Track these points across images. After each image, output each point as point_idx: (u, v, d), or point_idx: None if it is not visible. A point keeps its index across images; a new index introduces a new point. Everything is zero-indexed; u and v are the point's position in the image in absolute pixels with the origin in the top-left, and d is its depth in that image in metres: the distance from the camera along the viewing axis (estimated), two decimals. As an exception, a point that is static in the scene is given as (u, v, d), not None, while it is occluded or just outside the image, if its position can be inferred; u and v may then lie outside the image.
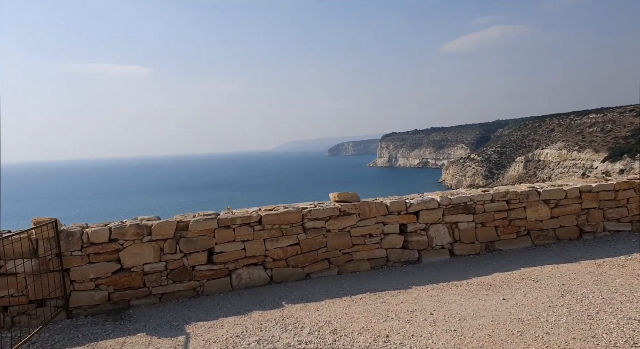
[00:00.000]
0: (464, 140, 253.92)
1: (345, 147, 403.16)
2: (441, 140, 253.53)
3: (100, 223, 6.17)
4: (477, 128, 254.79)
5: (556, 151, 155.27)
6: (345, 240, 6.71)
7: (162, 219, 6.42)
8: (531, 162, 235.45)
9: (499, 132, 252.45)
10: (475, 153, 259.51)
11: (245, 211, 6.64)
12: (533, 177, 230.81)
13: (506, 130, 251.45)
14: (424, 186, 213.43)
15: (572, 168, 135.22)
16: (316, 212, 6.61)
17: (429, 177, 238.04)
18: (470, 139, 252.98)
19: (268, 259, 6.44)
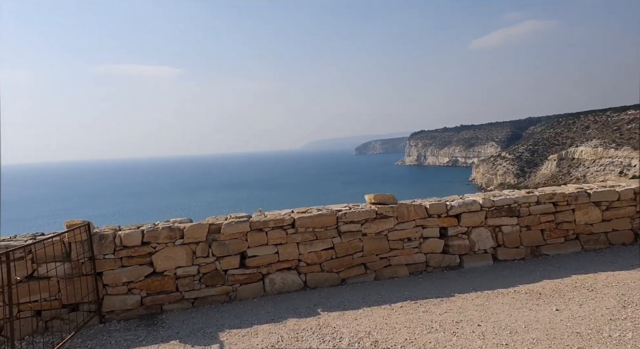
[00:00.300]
0: (495, 137, 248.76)
1: (372, 146, 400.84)
2: (471, 138, 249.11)
3: (132, 226, 6.07)
4: (508, 126, 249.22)
5: (591, 149, 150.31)
6: (382, 244, 6.43)
7: (194, 221, 6.29)
8: (565, 160, 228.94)
9: (531, 129, 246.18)
10: (506, 151, 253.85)
11: (278, 214, 6.44)
12: (567, 176, 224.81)
13: (538, 127, 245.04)
14: (454, 185, 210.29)
15: (608, 166, 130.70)
16: (351, 215, 6.35)
17: (458, 176, 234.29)
18: (500, 137, 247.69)
19: (302, 263, 6.22)
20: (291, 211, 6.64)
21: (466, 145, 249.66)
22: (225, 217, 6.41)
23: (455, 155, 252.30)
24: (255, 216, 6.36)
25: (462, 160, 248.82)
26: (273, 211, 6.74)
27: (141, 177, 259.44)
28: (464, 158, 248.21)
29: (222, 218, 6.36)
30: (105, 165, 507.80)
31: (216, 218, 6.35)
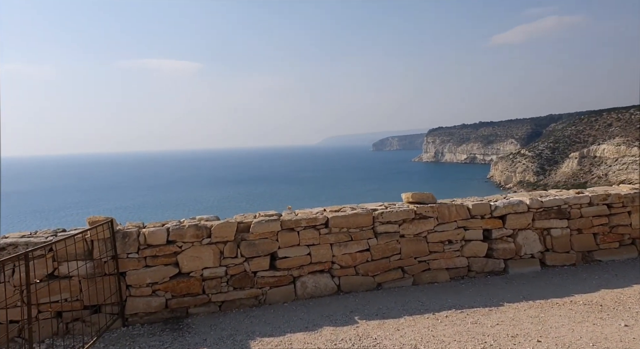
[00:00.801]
0: (514, 135, 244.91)
1: (390, 142, 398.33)
2: (490, 135, 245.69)
3: (157, 223, 5.74)
4: (528, 123, 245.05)
5: (614, 147, 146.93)
6: (421, 247, 6.00)
7: (221, 219, 5.95)
8: (586, 158, 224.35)
9: (552, 126, 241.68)
10: (526, 148, 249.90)
11: (310, 213, 6.05)
12: (588, 174, 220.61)
13: (559, 124, 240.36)
14: (472, 182, 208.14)
15: (631, 164, 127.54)
16: (389, 215, 5.92)
17: (476, 173, 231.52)
18: (520, 134, 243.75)
19: (335, 266, 5.82)
20: (323, 209, 6.25)
21: (485, 142, 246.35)
22: (254, 215, 6.06)
23: (474, 152, 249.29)
24: (286, 215, 5.98)
25: (480, 157, 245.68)
26: (304, 209, 6.36)
27: (159, 170, 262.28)
28: (482, 155, 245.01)
29: (251, 216, 6.00)
30: (124, 157, 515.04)
31: (244, 216, 5.99)
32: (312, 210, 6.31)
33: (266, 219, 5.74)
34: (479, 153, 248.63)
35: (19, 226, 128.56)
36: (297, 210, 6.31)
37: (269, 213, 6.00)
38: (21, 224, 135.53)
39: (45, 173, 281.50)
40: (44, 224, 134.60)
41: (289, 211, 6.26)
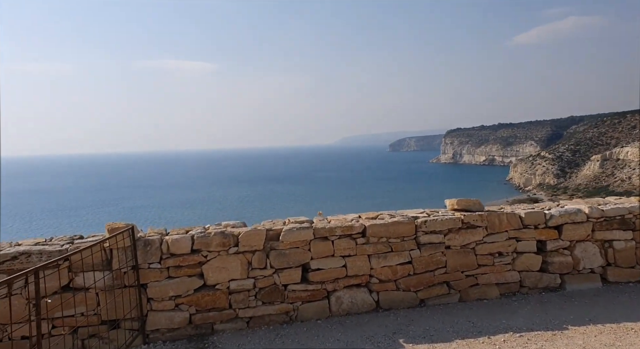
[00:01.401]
0: (534, 136, 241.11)
1: (407, 142, 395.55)
2: (509, 137, 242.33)
3: (180, 230, 5.30)
4: (549, 125, 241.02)
5: (638, 149, 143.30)
6: (468, 259, 5.44)
7: (248, 226, 5.48)
8: (609, 161, 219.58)
9: (573, 128, 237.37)
10: (546, 150, 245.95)
11: (344, 219, 5.55)
12: (610, 177, 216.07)
13: (581, 126, 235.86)
14: (490, 184, 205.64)
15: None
16: (433, 224, 5.38)
17: (495, 175, 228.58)
18: (540, 136, 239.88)
19: (374, 280, 5.30)
20: (358, 216, 5.75)
21: (504, 144, 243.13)
22: (283, 222, 5.58)
23: (492, 153, 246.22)
24: (318, 222, 5.49)
25: (499, 159, 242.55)
26: (336, 215, 5.86)
27: (177, 170, 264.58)
28: (502, 157, 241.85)
29: (280, 222, 5.52)
30: (142, 157, 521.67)
31: (273, 223, 5.52)
32: (345, 216, 5.82)
33: (297, 226, 5.25)
34: (497, 155, 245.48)
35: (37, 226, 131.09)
36: (328, 216, 5.83)
37: (300, 220, 5.52)
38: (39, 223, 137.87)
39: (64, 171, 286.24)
40: (63, 223, 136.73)
41: (320, 217, 5.77)
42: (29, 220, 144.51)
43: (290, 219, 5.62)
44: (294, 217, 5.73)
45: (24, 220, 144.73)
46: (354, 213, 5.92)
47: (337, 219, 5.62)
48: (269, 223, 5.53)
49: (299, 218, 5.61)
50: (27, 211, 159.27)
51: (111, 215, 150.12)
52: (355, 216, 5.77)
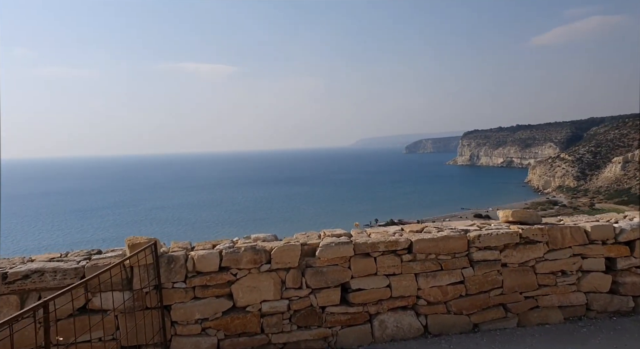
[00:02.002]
0: (553, 138, 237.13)
1: (423, 144, 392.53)
2: (527, 139, 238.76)
3: (206, 244, 4.81)
4: (568, 126, 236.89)
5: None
6: (528, 279, 4.84)
7: (279, 239, 4.98)
8: (631, 163, 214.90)
9: (593, 130, 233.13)
10: (566, 152, 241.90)
11: (385, 233, 5.00)
12: (633, 179, 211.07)
13: (601, 128, 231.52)
14: (508, 186, 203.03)
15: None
16: (488, 238, 4.80)
17: (513, 177, 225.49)
18: (560, 138, 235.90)
19: (421, 301, 4.73)
20: (401, 229, 5.21)
21: (522, 146, 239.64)
22: (318, 234, 5.06)
23: (510, 155, 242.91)
24: (357, 235, 4.96)
25: (517, 161, 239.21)
26: (376, 227, 5.33)
27: (196, 172, 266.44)
28: (520, 159, 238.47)
29: (315, 236, 5.00)
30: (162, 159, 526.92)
31: (307, 236, 5.00)
32: (386, 229, 5.27)
33: (335, 241, 4.71)
34: (516, 157, 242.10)
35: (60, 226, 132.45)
36: (367, 228, 5.29)
37: (336, 233, 5.00)
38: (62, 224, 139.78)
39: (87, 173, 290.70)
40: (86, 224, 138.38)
41: (357, 230, 5.24)
42: (51, 221, 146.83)
43: (325, 232, 5.10)
44: (330, 230, 5.21)
45: (47, 221, 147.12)
46: (395, 226, 5.38)
47: (377, 232, 5.08)
48: (302, 236, 5.02)
49: (336, 231, 5.09)
50: (52, 212, 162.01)
51: (131, 215, 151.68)
52: (397, 228, 5.23)
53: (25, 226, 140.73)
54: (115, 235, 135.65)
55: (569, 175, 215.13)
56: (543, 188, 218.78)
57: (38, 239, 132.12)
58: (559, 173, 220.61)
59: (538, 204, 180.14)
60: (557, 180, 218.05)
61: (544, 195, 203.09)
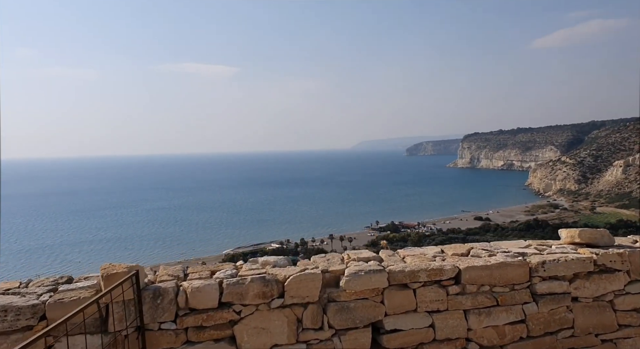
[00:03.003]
0: (554, 141, 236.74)
1: (424, 147, 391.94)
2: (528, 142, 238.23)
3: (202, 270, 3.86)
4: (569, 130, 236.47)
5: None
6: (604, 317, 3.89)
7: (292, 263, 4.03)
8: (632, 167, 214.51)
9: (594, 133, 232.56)
10: (567, 155, 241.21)
11: (422, 256, 4.06)
12: (634, 183, 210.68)
13: (602, 131, 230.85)
14: (509, 189, 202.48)
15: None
16: (554, 266, 3.85)
17: (514, 180, 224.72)
18: (560, 141, 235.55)
19: (472, 345, 3.79)
20: (441, 250, 4.26)
21: (523, 149, 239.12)
22: (340, 257, 4.12)
23: (511, 158, 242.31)
24: (387, 258, 4.03)
25: (517, 164, 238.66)
26: (411, 249, 4.39)
27: (196, 173, 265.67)
28: (520, 162, 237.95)
29: (337, 260, 4.06)
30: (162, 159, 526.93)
31: (327, 260, 4.05)
32: (423, 250, 4.33)
33: (364, 268, 3.76)
34: (516, 159, 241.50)
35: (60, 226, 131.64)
36: (403, 250, 4.34)
37: (363, 256, 4.05)
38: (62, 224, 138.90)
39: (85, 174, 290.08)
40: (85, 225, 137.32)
41: (387, 251, 4.29)
42: (51, 222, 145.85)
43: (349, 254, 4.16)
44: (354, 252, 4.27)
45: (47, 222, 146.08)
46: (434, 246, 4.43)
47: (413, 254, 4.14)
48: (322, 260, 4.07)
49: (362, 254, 4.15)
50: (52, 212, 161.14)
51: (131, 216, 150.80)
52: (437, 250, 4.29)
53: (23, 227, 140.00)
54: (116, 235, 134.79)
55: (569, 178, 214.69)
56: (544, 191, 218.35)
57: (36, 239, 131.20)
58: (559, 176, 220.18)
59: (539, 207, 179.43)
60: (558, 183, 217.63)
61: (544, 198, 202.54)
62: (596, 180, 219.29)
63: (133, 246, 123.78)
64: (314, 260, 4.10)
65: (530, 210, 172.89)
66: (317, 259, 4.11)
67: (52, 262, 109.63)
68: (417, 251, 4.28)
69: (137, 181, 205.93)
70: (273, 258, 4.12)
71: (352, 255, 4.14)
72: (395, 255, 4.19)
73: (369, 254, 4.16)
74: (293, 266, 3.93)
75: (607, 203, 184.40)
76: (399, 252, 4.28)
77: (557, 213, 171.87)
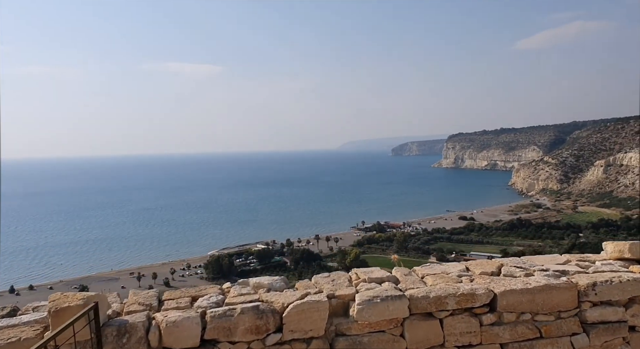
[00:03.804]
0: (537, 142, 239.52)
1: (409, 147, 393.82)
2: (511, 142, 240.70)
3: (180, 296, 3.14)
4: (551, 130, 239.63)
5: None
6: (667, 351, 3.25)
7: (289, 287, 3.35)
8: (612, 167, 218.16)
9: (576, 133, 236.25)
10: (549, 155, 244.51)
11: (445, 275, 3.41)
12: (614, 183, 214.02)
13: (584, 131, 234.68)
14: (493, 189, 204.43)
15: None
16: (607, 289, 3.20)
17: (497, 180, 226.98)
18: (543, 141, 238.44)
19: (511, 386, 3.11)
20: (465, 268, 3.60)
21: (506, 149, 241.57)
22: (347, 277, 3.43)
23: (494, 158, 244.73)
24: (403, 278, 3.36)
25: (501, 163, 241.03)
26: (430, 266, 3.72)
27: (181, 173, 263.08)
28: (504, 162, 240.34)
29: (343, 280, 3.37)
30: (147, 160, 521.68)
31: (332, 281, 3.36)
32: (445, 267, 3.67)
33: (380, 293, 3.08)
34: (500, 159, 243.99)
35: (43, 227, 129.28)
36: (422, 268, 3.66)
37: (375, 276, 3.38)
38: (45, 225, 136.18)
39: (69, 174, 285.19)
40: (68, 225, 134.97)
41: (403, 270, 3.61)
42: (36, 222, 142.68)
43: (358, 273, 3.47)
44: (363, 270, 3.59)
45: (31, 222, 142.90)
46: (456, 263, 3.76)
47: (433, 273, 3.46)
48: (326, 280, 3.38)
49: (373, 272, 3.48)
50: (35, 213, 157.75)
51: (115, 217, 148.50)
52: (461, 267, 3.62)
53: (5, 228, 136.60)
54: (100, 236, 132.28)
55: (552, 178, 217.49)
56: (527, 191, 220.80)
57: (18, 241, 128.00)
58: (542, 176, 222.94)
59: (522, 207, 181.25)
60: (540, 183, 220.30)
61: (527, 198, 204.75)
62: (578, 180, 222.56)
63: (118, 248, 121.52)
64: (316, 281, 3.41)
65: (514, 210, 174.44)
66: (319, 280, 3.42)
67: (36, 265, 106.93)
68: (437, 269, 3.61)
69: (121, 181, 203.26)
70: (267, 280, 3.42)
71: (361, 275, 3.45)
72: (412, 274, 3.51)
73: (382, 273, 3.48)
74: (292, 291, 3.23)
75: (589, 203, 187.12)
76: (416, 271, 3.61)
77: (540, 213, 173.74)
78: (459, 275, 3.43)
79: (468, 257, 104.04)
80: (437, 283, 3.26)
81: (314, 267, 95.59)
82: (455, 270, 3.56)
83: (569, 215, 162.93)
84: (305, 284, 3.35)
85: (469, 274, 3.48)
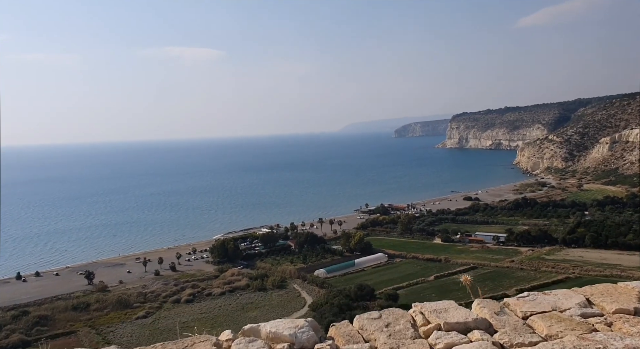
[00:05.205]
0: (541, 120, 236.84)
1: (412, 128, 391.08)
2: (516, 121, 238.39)
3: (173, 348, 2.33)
4: (556, 108, 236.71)
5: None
6: None
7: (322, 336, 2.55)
8: (618, 144, 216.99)
9: (581, 111, 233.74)
10: (554, 134, 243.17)
11: (559, 314, 2.73)
12: (620, 159, 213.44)
13: (589, 109, 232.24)
14: (497, 168, 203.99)
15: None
16: None
17: (502, 159, 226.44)
18: (547, 119, 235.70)
19: None
20: (587, 301, 2.89)
21: (510, 128, 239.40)
22: (409, 320, 2.74)
23: (499, 137, 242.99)
24: (491, 316, 2.61)
25: (505, 143, 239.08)
26: (534, 296, 2.93)
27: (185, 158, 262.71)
28: (508, 141, 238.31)
29: (403, 324, 2.99)
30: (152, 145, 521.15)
31: (387, 327, 2.89)
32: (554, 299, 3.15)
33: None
34: (504, 139, 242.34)
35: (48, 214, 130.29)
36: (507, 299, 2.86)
37: (453, 320, 2.70)
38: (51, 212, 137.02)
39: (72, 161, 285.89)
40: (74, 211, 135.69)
41: (489, 304, 2.77)
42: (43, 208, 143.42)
43: (425, 313, 2.85)
44: (430, 306, 2.94)
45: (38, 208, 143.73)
46: (566, 290, 2.91)
47: (541, 311, 2.72)
48: (376, 326, 2.58)
49: (449, 314, 2.92)
50: (41, 199, 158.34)
51: (121, 203, 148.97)
52: (580, 299, 2.84)
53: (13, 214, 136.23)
54: (106, 222, 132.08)
55: (557, 156, 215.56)
56: (532, 170, 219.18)
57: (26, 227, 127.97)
58: (547, 154, 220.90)
59: (527, 186, 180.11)
60: (545, 162, 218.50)
61: (532, 177, 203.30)
62: (583, 158, 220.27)
63: (122, 233, 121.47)
64: (362, 326, 2.58)
65: (519, 189, 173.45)
66: (367, 325, 2.58)
67: (41, 250, 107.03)
68: (543, 303, 2.69)
69: (126, 168, 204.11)
70: (287, 327, 2.61)
71: (430, 315, 2.61)
72: (507, 313, 2.61)
73: (461, 314, 2.61)
74: (323, 343, 2.39)
75: (594, 180, 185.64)
76: (510, 305, 2.70)
77: (545, 191, 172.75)
78: (582, 314, 2.53)
79: (473, 237, 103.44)
80: (555, 330, 2.37)
81: (318, 250, 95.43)
82: (572, 305, 2.67)
83: (574, 193, 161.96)
84: (347, 332, 2.52)
85: (598, 312, 2.58)
